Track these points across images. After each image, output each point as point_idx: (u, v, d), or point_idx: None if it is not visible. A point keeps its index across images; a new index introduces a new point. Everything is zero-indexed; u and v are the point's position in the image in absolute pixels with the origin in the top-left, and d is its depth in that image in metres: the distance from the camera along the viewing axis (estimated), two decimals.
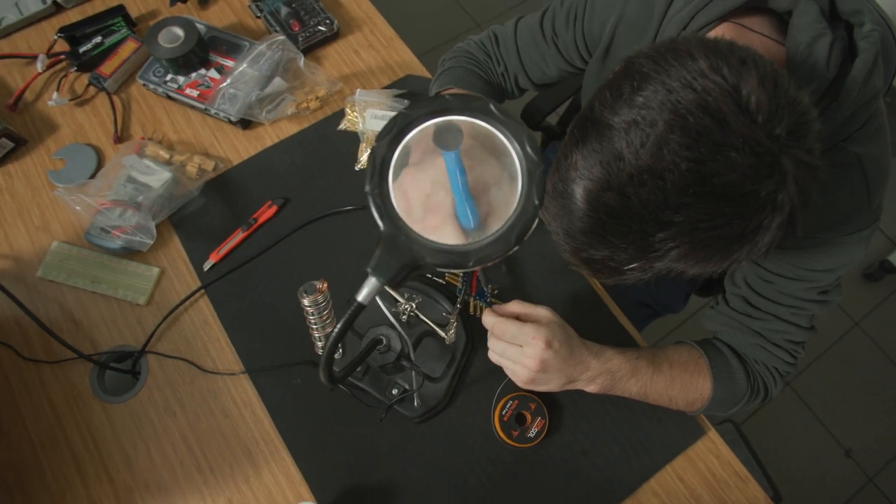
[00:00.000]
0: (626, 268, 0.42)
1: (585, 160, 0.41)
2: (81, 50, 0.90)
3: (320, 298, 0.58)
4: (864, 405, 1.63)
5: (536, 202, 0.38)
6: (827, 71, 0.52)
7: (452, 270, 0.44)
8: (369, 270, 0.38)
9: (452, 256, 0.37)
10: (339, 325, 0.40)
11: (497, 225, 0.39)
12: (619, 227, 0.40)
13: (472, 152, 0.42)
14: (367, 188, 0.38)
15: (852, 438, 1.59)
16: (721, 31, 0.58)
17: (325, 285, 0.58)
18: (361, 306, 0.39)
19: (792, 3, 0.55)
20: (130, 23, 0.93)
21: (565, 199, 0.43)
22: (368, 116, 0.81)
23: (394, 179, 0.39)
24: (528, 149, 0.39)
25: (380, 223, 0.38)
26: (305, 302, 0.58)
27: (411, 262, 0.38)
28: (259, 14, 0.94)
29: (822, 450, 1.58)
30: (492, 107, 0.39)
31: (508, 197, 0.40)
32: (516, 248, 0.39)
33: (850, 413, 1.62)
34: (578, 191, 0.42)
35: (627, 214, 0.39)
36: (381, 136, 0.40)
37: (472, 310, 0.72)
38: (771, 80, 0.40)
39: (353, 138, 0.85)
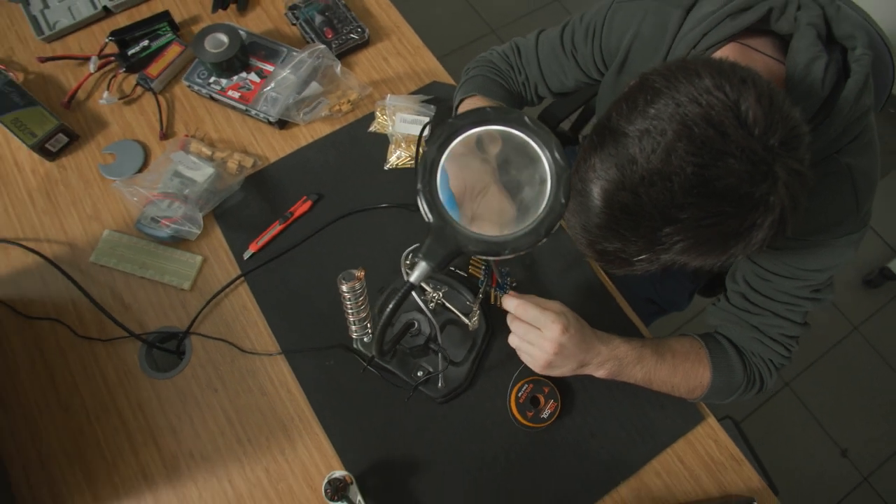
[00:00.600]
0: (635, 259, 0.48)
1: (603, 163, 0.47)
2: (130, 52, 0.96)
3: (357, 286, 0.64)
4: (861, 407, 1.68)
5: (563, 201, 0.45)
6: (822, 89, 0.58)
7: (489, 258, 0.50)
8: (420, 256, 0.44)
9: (491, 245, 0.44)
10: (391, 304, 0.46)
11: (530, 220, 0.46)
12: (631, 222, 0.46)
13: (509, 157, 0.48)
14: (419, 186, 0.44)
15: (849, 439, 1.64)
16: (727, 51, 0.64)
17: (363, 274, 0.64)
18: (412, 286, 0.46)
19: (792, 27, 0.60)
20: (174, 27, 1.00)
21: (584, 196, 0.49)
22: (398, 120, 0.88)
23: (441, 179, 0.46)
24: (557, 155, 0.45)
25: (430, 216, 0.44)
26: (344, 288, 0.64)
27: (456, 250, 0.44)
28: (295, 21, 1.00)
29: (819, 449, 1.63)
30: (526, 119, 0.45)
31: (539, 196, 0.46)
32: (545, 239, 0.45)
33: (848, 414, 1.67)
34: (596, 190, 0.48)
35: (639, 211, 0.45)
36: (431, 142, 0.46)
37: (492, 300, 0.78)
38: (767, 97, 0.46)
39: (383, 140, 0.91)
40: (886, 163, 1.81)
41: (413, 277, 0.46)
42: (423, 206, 0.44)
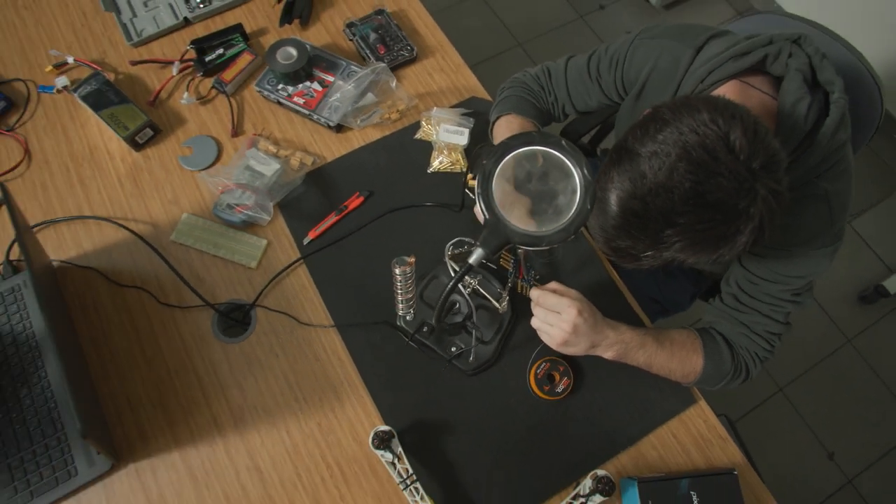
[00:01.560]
0: (642, 255, 0.61)
1: (619, 176, 0.60)
2: (207, 59, 1.10)
3: (408, 270, 0.77)
4: (850, 415, 1.79)
5: (588, 207, 0.57)
6: (805, 124, 0.70)
7: (530, 248, 0.61)
8: (478, 244, 0.57)
9: (532, 238, 0.57)
10: (451, 283, 0.59)
11: (563, 220, 0.58)
12: (640, 224, 0.58)
13: (548, 171, 0.61)
14: (478, 190, 0.57)
15: (836, 443, 1.75)
16: (729, 87, 0.76)
17: (413, 260, 0.77)
18: (471, 266, 0.59)
19: (783, 71, 0.73)
20: (245, 38, 1.13)
21: (603, 203, 0.61)
22: (441, 130, 1.00)
23: (496, 186, 0.58)
24: (585, 171, 0.58)
25: (486, 214, 0.57)
26: (397, 271, 0.77)
27: (505, 241, 0.57)
28: (351, 38, 1.13)
29: (807, 451, 1.74)
30: (563, 142, 0.58)
31: (571, 202, 0.59)
32: (573, 236, 0.57)
33: (837, 420, 1.78)
34: (613, 197, 0.60)
35: (646, 216, 0.58)
36: (488, 156, 0.59)
37: (518, 289, 0.91)
38: (752, 130, 0.58)
39: (427, 146, 1.04)
40: (887, 185, 1.92)
41: (471, 259, 0.58)
42: (481, 206, 0.57)
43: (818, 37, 0.98)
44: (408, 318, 0.87)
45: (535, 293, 0.79)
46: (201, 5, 1.15)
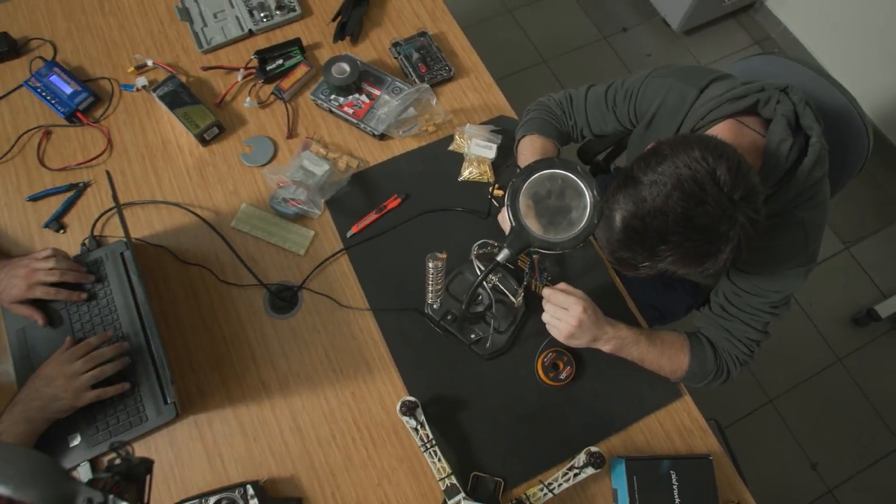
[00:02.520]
0: (640, 265, 0.74)
1: (624, 199, 0.73)
2: (268, 68, 1.24)
3: (440, 265, 0.91)
4: (835, 429, 1.90)
5: (595, 221, 0.70)
6: (786, 162, 0.83)
7: (546, 252, 0.73)
8: (505, 246, 0.70)
9: (549, 244, 0.70)
10: (482, 276, 0.73)
11: (575, 231, 0.72)
12: (639, 240, 0.71)
13: (565, 191, 0.74)
14: (508, 203, 0.71)
15: (820, 455, 1.86)
16: (726, 125, 0.89)
17: (445, 256, 0.90)
18: (498, 263, 0.72)
19: (772, 114, 0.86)
20: (302, 51, 1.28)
21: (609, 220, 0.74)
22: (472, 144, 1.14)
23: (522, 200, 0.72)
24: (595, 192, 0.71)
25: (514, 222, 0.70)
26: (430, 265, 0.91)
27: (526, 245, 0.70)
28: (396, 56, 1.27)
29: (791, 460, 1.85)
30: (579, 167, 0.71)
31: (581, 217, 0.72)
32: (581, 244, 0.71)
33: (822, 434, 1.88)
34: (617, 216, 0.73)
35: (644, 233, 0.71)
36: (518, 175, 0.73)
37: (532, 287, 1.04)
38: (735, 167, 0.71)
39: (459, 158, 1.17)
40: (887, 214, 2.02)
41: (499, 257, 0.72)
42: (509, 215, 0.70)
43: (815, 80, 1.10)
44: (435, 306, 1.01)
45: (546, 291, 0.92)
46: (264, 19, 1.30)
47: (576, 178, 0.73)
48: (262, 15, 1.30)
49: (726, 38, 2.55)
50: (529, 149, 1.08)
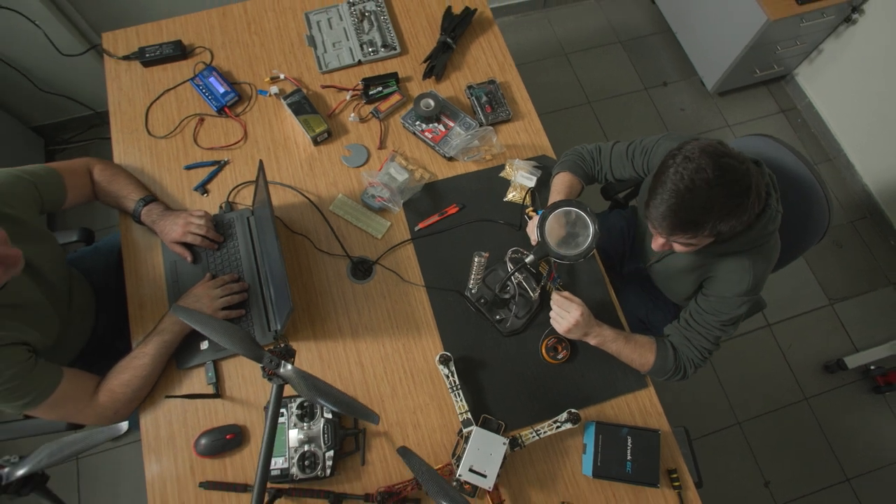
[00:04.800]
0: (698, 220, 0.98)
1: (665, 176, 1.00)
2: (370, 92, 1.61)
3: (483, 261, 1.26)
4: (791, 456, 2.19)
5: (594, 246, 1.05)
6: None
7: (560, 261, 1.08)
8: (531, 253, 1.06)
9: (561, 257, 1.05)
10: (511, 272, 1.08)
11: (580, 250, 1.07)
12: (690, 197, 0.96)
13: (576, 222, 1.09)
14: (538, 225, 1.06)
15: (773, 475, 2.15)
16: None
17: (487, 255, 1.26)
18: (525, 264, 1.08)
19: None
20: (398, 82, 1.64)
21: (661, 192, 1.00)
22: (518, 174, 1.49)
23: (547, 224, 1.07)
24: (596, 227, 1.06)
25: (540, 238, 1.06)
26: (475, 260, 1.26)
27: (546, 255, 1.06)
28: (469, 96, 1.63)
29: (747, 475, 2.15)
30: (588, 208, 1.06)
31: (586, 241, 1.08)
32: (583, 259, 1.06)
33: (779, 458, 2.18)
34: (668, 188, 0.98)
35: (693, 189, 0.95)
36: (548, 207, 1.08)
37: (547, 288, 1.39)
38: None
39: (505, 183, 1.53)
40: (874, 281, 2.32)
41: (527, 261, 1.08)
42: (537, 233, 1.06)
43: (795, 161, 1.41)
44: (473, 291, 1.36)
45: (555, 296, 1.26)
46: (371, 53, 1.67)
47: (585, 216, 1.08)
48: (370, 49, 1.68)
49: (755, 103, 2.84)
50: (560, 183, 1.43)
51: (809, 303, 2.45)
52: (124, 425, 0.89)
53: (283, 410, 1.25)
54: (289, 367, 0.89)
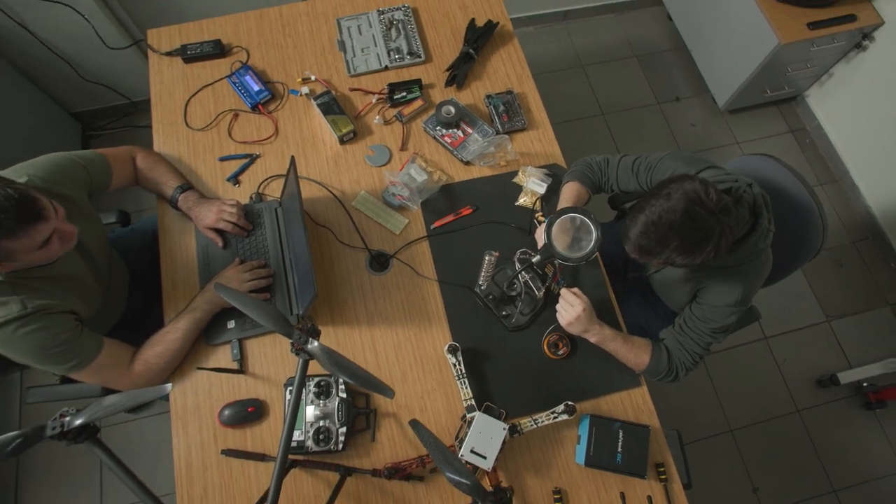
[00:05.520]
0: (654, 252, 1.08)
1: (647, 204, 1.08)
2: (395, 97, 1.72)
3: (493, 259, 1.36)
4: (780, 465, 2.26)
5: (596, 250, 1.15)
6: (742, 232, 1.24)
7: (564, 263, 1.17)
8: (538, 254, 1.16)
9: (565, 258, 1.15)
10: (519, 270, 1.18)
11: (583, 253, 1.17)
12: (655, 230, 1.05)
13: (580, 227, 1.19)
14: (545, 229, 1.16)
15: (762, 482, 2.23)
16: None
17: (497, 254, 1.36)
18: (532, 264, 1.18)
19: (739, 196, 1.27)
20: (421, 88, 1.75)
21: (635, 219, 1.11)
22: (530, 180, 1.59)
23: (554, 228, 1.17)
24: (599, 232, 1.16)
25: (547, 241, 1.15)
26: (486, 258, 1.36)
27: (551, 256, 1.15)
28: (487, 105, 1.73)
29: (736, 480, 2.23)
30: (592, 215, 1.16)
31: (588, 245, 1.17)
32: (585, 262, 1.15)
33: (768, 466, 2.25)
34: (642, 216, 1.09)
35: (659, 224, 1.03)
36: (556, 213, 1.17)
37: (551, 289, 1.48)
38: (718, 192, 1.10)
39: (517, 189, 1.62)
40: (872, 302, 2.40)
41: (534, 260, 1.18)
42: (544, 236, 1.16)
43: (794, 183, 1.49)
44: (483, 287, 1.46)
45: (564, 290, 1.36)
46: (397, 59, 1.78)
47: (589, 222, 1.17)
48: (396, 56, 1.78)
49: (765, 122, 2.92)
50: (569, 191, 1.52)
51: (807, 318, 2.53)
52: (168, 386, 0.99)
53: None
54: (315, 343, 0.99)
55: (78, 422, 0.89)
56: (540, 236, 1.43)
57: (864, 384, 2.35)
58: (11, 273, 1.15)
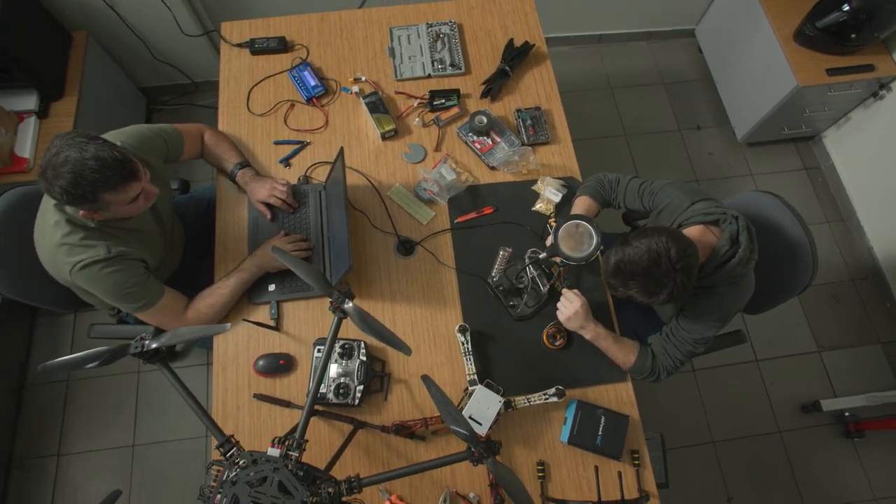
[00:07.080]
0: (618, 288, 1.30)
1: (619, 250, 1.33)
2: (434, 103, 1.91)
3: (507, 254, 1.55)
4: (757, 479, 2.41)
5: (597, 254, 1.33)
6: (721, 258, 1.41)
7: (567, 263, 1.35)
8: (546, 252, 1.34)
9: (568, 257, 1.33)
10: (527, 265, 1.37)
11: (584, 254, 1.35)
12: (619, 274, 1.30)
13: (584, 233, 1.37)
14: (553, 230, 1.34)
15: (736, 492, 2.37)
16: (699, 228, 1.47)
17: (511, 250, 1.55)
18: (539, 260, 1.36)
19: (725, 229, 1.44)
20: (458, 97, 1.94)
21: (608, 259, 1.34)
22: (547, 189, 1.77)
23: (561, 231, 1.35)
24: (599, 238, 1.34)
25: (553, 241, 1.34)
26: (501, 252, 1.55)
27: (556, 253, 1.34)
28: (517, 118, 1.92)
29: (712, 488, 2.38)
30: (595, 223, 1.34)
31: (589, 248, 1.36)
32: (585, 263, 1.34)
33: (744, 478, 2.40)
34: (613, 258, 1.34)
35: (623, 271, 1.28)
36: (566, 217, 1.36)
37: (555, 286, 1.66)
38: (683, 251, 1.29)
39: (535, 196, 1.80)
40: (865, 338, 2.54)
41: (541, 256, 1.37)
42: (553, 239, 1.34)
43: (792, 221, 1.65)
44: (495, 279, 1.65)
45: (565, 290, 1.54)
46: (440, 69, 1.97)
47: (592, 229, 1.36)
48: (439, 66, 1.98)
49: (780, 157, 3.05)
50: (581, 203, 1.70)
51: (799, 346, 2.66)
52: (228, 325, 1.20)
53: None
54: (350, 304, 1.19)
55: (154, 345, 1.10)
56: (549, 239, 1.62)
57: (847, 413, 2.48)
58: (101, 222, 1.37)
